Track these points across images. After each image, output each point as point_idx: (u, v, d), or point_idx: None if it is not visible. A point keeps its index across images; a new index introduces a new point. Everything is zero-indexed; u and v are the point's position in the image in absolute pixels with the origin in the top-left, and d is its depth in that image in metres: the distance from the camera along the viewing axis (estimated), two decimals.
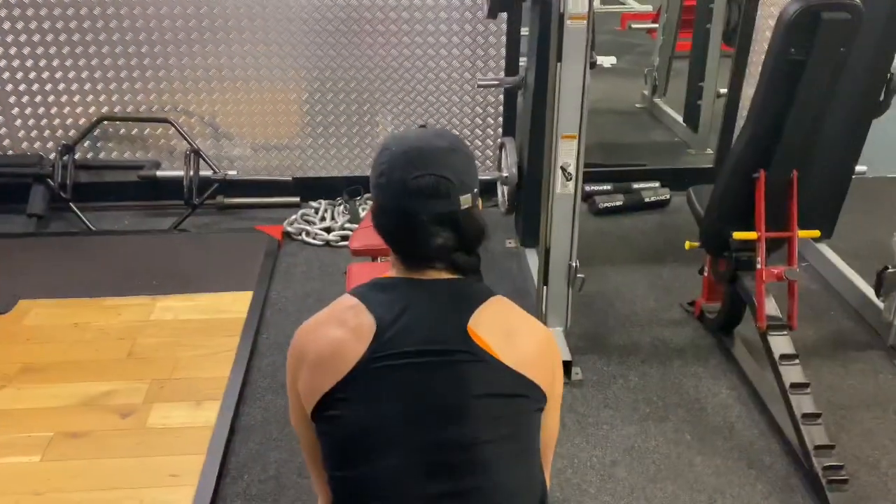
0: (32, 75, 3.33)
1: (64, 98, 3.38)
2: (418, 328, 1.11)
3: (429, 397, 1.10)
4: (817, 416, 2.05)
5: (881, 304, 2.60)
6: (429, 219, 1.13)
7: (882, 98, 2.70)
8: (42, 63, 3.31)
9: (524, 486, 1.15)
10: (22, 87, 3.34)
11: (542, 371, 1.15)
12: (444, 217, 1.13)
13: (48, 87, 3.36)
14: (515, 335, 1.15)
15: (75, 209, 3.31)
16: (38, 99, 3.37)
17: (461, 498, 1.08)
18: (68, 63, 3.32)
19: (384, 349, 1.10)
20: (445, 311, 1.14)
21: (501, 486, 1.11)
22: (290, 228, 3.32)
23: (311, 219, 3.39)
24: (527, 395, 1.13)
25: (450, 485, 1.08)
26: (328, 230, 3.31)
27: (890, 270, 2.45)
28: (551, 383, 1.18)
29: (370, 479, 1.10)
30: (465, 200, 1.15)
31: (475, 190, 1.17)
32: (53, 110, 3.40)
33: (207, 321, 2.63)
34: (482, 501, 1.09)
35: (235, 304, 2.72)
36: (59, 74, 3.34)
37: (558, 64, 2.09)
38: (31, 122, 3.41)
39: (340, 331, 1.13)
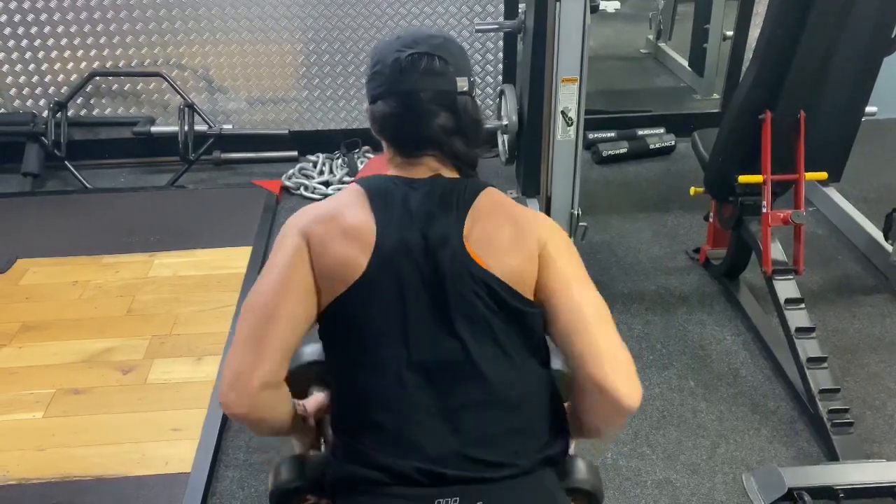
0: (21, 31, 3.25)
1: (54, 54, 3.31)
2: (415, 238, 1.11)
3: (421, 313, 1.10)
4: (823, 359, 2.03)
5: (889, 248, 2.56)
6: (426, 97, 1.13)
7: (894, 35, 2.60)
8: (30, 18, 3.23)
9: (524, 394, 1.13)
10: (11, 44, 3.27)
11: (532, 261, 1.13)
12: (441, 96, 1.14)
13: (37, 42, 3.28)
14: (507, 233, 1.14)
15: (70, 167, 3.27)
16: (27, 55, 3.30)
17: (462, 410, 1.09)
18: (56, 17, 3.23)
19: (384, 262, 1.09)
20: (441, 217, 1.12)
21: (501, 401, 1.11)
22: (288, 183, 3.27)
23: (309, 173, 3.34)
24: (517, 305, 1.12)
25: (450, 396, 1.09)
26: (326, 184, 3.26)
27: None
28: (552, 263, 1.14)
29: (373, 391, 1.11)
30: (462, 83, 1.15)
31: (471, 78, 1.17)
32: (44, 66, 3.33)
33: (206, 277, 2.61)
34: (481, 412, 1.10)
35: (234, 260, 2.70)
36: (47, 29, 3.26)
37: (557, 2, 2.02)
38: (21, 79, 3.34)
39: (346, 247, 1.11)
